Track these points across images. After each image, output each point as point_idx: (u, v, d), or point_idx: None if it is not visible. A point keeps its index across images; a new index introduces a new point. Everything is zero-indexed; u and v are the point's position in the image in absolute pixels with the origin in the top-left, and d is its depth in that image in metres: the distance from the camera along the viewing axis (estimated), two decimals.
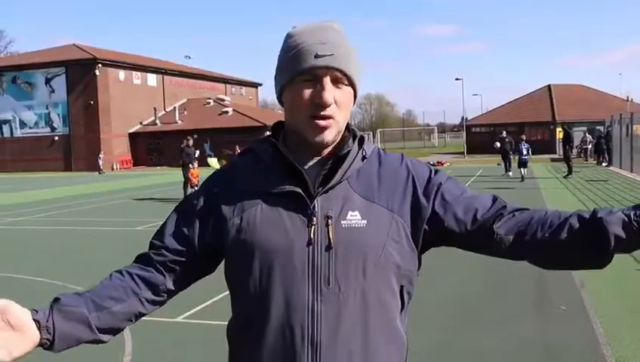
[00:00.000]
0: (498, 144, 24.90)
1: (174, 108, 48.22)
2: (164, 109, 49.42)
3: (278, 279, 1.29)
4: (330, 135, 1.32)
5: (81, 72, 44.51)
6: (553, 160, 35.22)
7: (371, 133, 70.04)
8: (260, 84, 66.74)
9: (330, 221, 1.29)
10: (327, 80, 1.29)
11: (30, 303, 1.26)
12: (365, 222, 1.31)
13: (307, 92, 1.30)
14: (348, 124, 1.42)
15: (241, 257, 1.34)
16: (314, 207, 1.31)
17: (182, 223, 1.43)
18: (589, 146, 33.46)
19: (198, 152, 18.51)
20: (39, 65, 46.19)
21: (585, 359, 4.49)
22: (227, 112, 46.66)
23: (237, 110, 47.16)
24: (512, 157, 23.71)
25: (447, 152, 51.18)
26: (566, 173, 22.29)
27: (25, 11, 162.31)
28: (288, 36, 1.35)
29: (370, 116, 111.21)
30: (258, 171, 1.38)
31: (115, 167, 43.64)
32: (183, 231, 1.42)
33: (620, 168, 24.96)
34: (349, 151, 1.35)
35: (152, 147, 46.57)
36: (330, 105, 1.29)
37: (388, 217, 1.33)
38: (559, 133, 32.66)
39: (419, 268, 1.40)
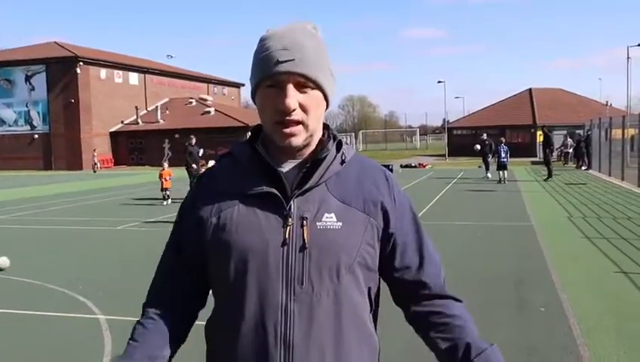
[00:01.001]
0: (478, 146, 25.09)
1: (156, 107, 47.85)
2: (146, 108, 49.03)
3: (253, 278, 1.30)
4: (299, 140, 1.33)
5: (61, 70, 43.98)
6: (534, 163, 35.54)
7: (353, 134, 70.16)
8: (243, 85, 66.29)
9: (305, 222, 1.31)
10: (289, 86, 1.29)
11: (13, 301, 1.25)
12: (340, 224, 1.32)
13: (271, 98, 1.31)
14: (329, 127, 1.43)
15: (219, 257, 1.35)
16: (290, 208, 1.32)
17: (178, 232, 1.47)
18: (570, 150, 33.83)
19: (202, 151, 17.68)
20: (19, 63, 45.53)
21: (562, 360, 4.55)
22: (209, 112, 46.45)
23: (219, 110, 46.93)
24: (490, 160, 23.95)
25: (429, 154, 51.44)
26: (546, 176, 22.52)
27: (5, 8, 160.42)
28: (259, 40, 1.36)
29: (352, 117, 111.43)
30: (237, 173, 1.39)
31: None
32: (179, 240, 1.45)
33: (599, 172, 25.28)
34: (326, 155, 1.36)
35: (134, 146, 46.19)
36: (293, 111, 1.29)
37: (364, 220, 1.35)
38: (539, 136, 32.94)
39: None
